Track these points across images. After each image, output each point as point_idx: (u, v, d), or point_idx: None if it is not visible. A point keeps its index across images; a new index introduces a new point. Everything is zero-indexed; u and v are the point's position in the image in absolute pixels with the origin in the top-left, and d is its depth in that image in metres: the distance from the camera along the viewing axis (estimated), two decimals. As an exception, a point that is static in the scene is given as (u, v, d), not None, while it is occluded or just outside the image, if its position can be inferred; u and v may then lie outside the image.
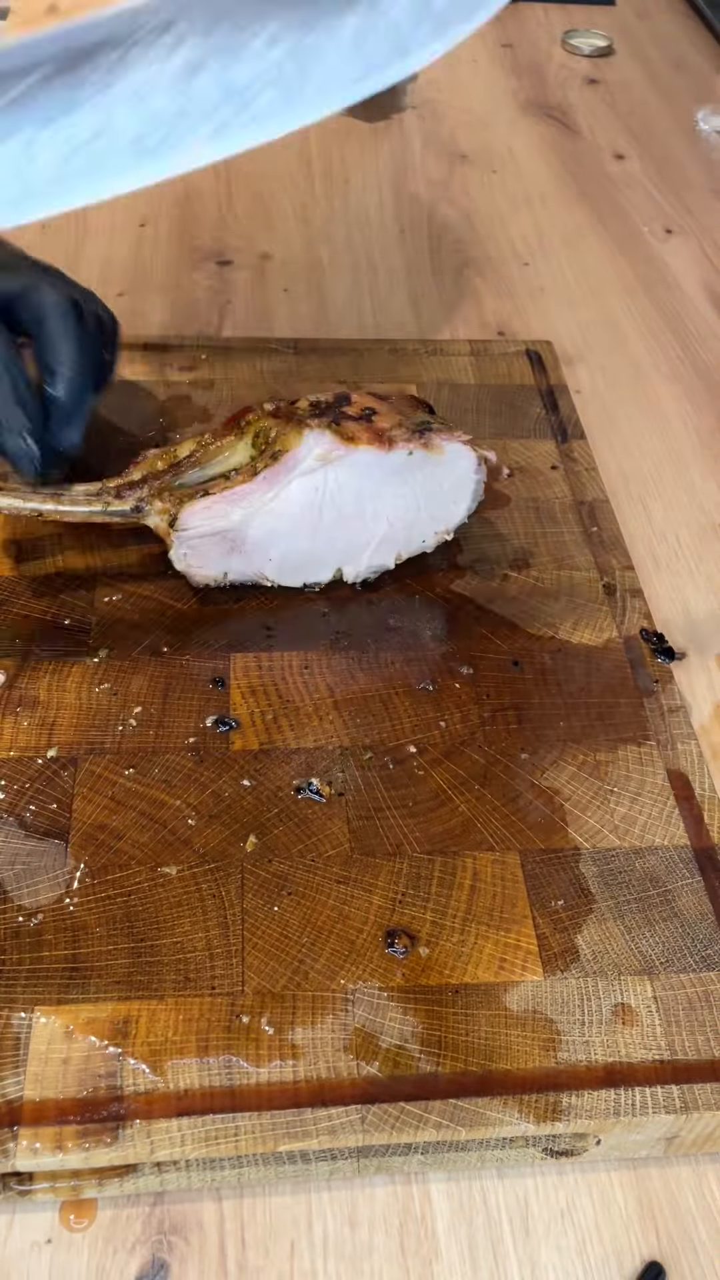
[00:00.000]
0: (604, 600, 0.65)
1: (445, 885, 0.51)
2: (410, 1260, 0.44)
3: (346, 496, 0.60)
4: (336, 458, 0.58)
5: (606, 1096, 0.45)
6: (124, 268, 0.89)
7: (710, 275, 0.96)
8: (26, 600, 0.61)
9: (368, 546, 0.63)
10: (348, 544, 0.62)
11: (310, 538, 0.61)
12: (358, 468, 0.59)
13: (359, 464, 0.59)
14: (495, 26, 1.31)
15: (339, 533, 0.61)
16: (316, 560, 0.63)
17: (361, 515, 0.61)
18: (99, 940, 0.48)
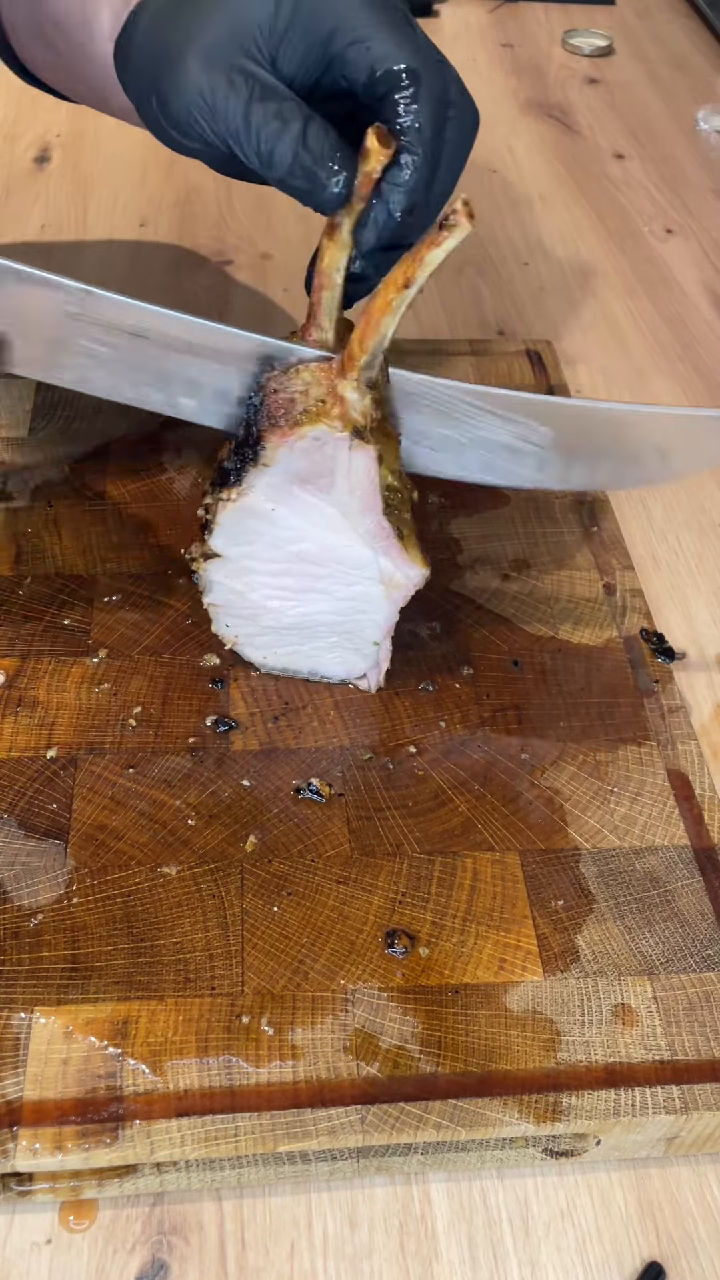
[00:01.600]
0: (604, 600, 0.65)
1: (445, 885, 0.51)
2: (410, 1260, 0.44)
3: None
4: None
5: (606, 1097, 0.45)
6: (124, 268, 0.89)
7: (710, 275, 0.96)
8: (26, 600, 0.61)
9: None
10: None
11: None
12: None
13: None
14: (495, 26, 1.31)
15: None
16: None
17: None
18: (99, 940, 0.48)
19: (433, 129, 0.46)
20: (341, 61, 0.46)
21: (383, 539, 0.52)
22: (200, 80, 0.45)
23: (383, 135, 0.45)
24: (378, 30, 0.45)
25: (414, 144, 0.46)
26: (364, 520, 0.52)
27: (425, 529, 0.67)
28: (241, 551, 0.54)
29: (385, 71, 0.45)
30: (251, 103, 0.45)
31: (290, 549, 0.53)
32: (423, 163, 0.46)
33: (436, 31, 1.28)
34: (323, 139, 0.45)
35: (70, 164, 1.00)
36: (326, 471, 0.50)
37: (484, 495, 0.70)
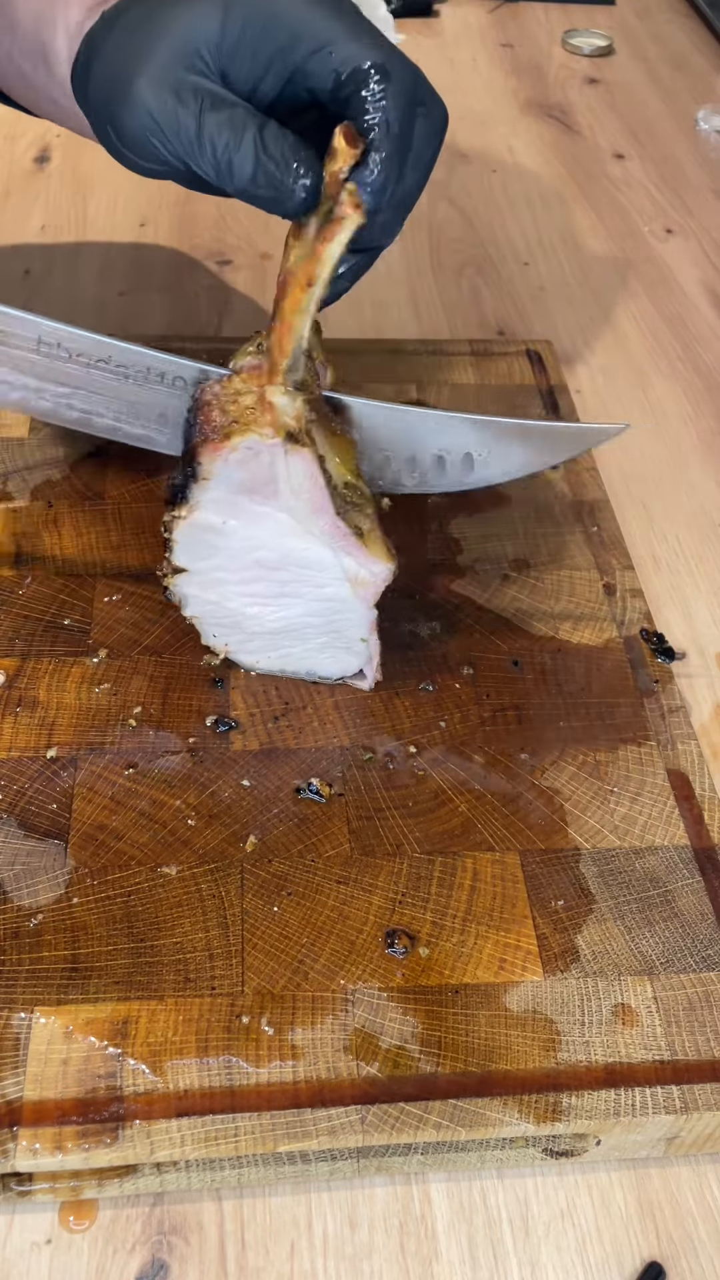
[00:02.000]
0: (604, 600, 0.65)
1: (445, 885, 0.51)
2: (410, 1260, 0.44)
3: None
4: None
5: (606, 1097, 0.45)
6: (124, 268, 0.89)
7: (710, 275, 0.96)
8: (26, 600, 0.61)
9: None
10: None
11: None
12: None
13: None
14: (495, 26, 1.31)
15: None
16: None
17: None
18: (99, 940, 0.48)
19: (401, 126, 0.45)
20: (304, 73, 0.45)
21: (340, 539, 0.52)
22: (149, 100, 0.45)
23: (350, 134, 0.44)
24: (338, 34, 0.45)
25: (382, 142, 0.45)
26: (317, 522, 0.51)
27: (425, 529, 0.67)
28: (206, 565, 0.53)
29: (352, 71, 0.44)
30: (203, 114, 0.44)
31: (251, 558, 0.53)
32: (390, 161, 0.45)
33: (437, 32, 1.28)
34: (281, 142, 0.44)
35: (70, 164, 1.00)
36: (268, 479, 0.50)
37: (484, 495, 0.70)
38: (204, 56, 0.45)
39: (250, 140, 0.44)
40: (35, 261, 0.89)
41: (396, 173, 0.46)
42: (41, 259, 0.89)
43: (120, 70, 0.46)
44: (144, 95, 0.45)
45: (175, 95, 0.45)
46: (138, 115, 0.45)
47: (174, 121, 0.45)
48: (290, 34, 0.45)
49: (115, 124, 0.47)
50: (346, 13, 0.46)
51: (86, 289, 0.87)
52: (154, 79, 0.45)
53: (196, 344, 0.78)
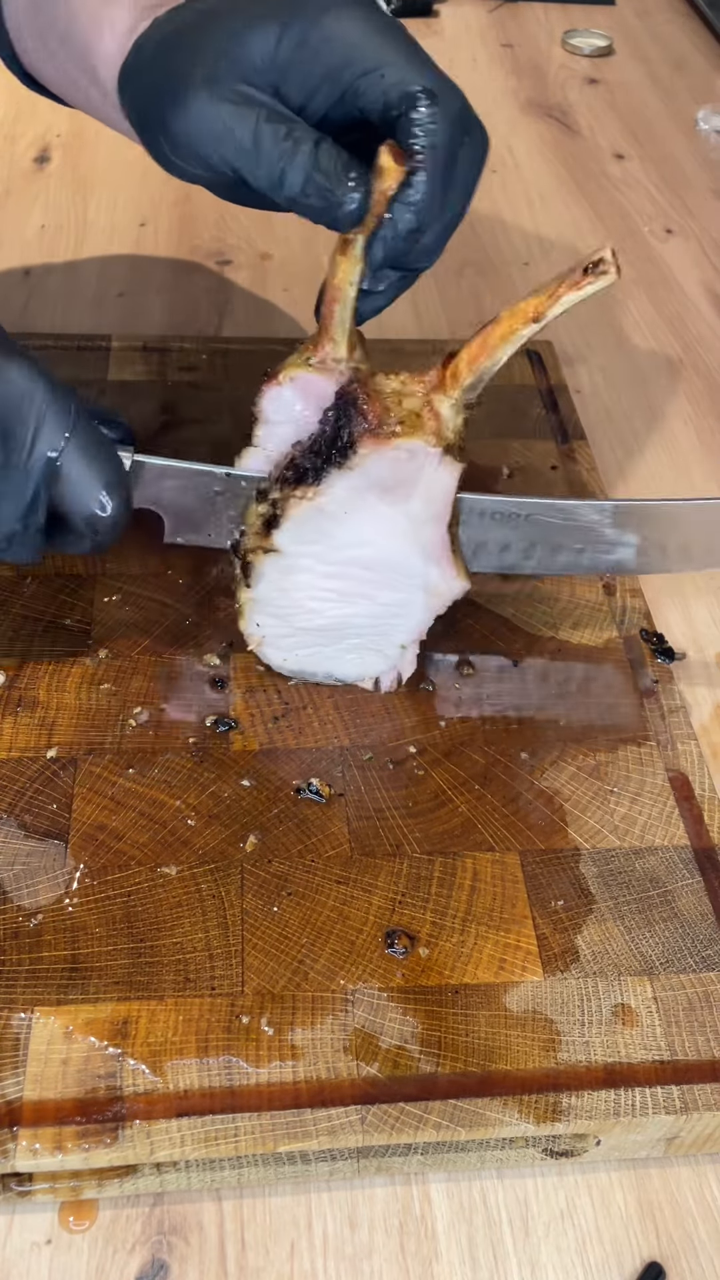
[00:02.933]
0: (604, 600, 0.65)
1: (445, 886, 0.51)
2: (410, 1260, 0.44)
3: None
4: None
5: (606, 1097, 0.45)
6: (124, 268, 0.89)
7: (710, 275, 0.96)
8: (26, 600, 0.61)
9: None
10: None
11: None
12: None
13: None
14: (495, 26, 1.31)
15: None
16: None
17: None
18: (99, 940, 0.48)
19: (448, 149, 0.46)
20: (355, 93, 0.46)
21: (439, 550, 0.53)
22: (207, 107, 0.46)
23: (397, 153, 0.45)
24: (390, 57, 0.46)
25: (427, 164, 0.46)
26: (430, 532, 0.52)
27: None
28: (301, 550, 0.53)
29: (403, 94, 0.46)
30: (260, 124, 0.45)
31: (348, 553, 0.53)
32: (435, 182, 0.46)
33: (437, 32, 1.28)
34: (335, 158, 0.46)
35: (70, 164, 1.00)
36: (408, 483, 0.51)
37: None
38: (259, 70, 0.46)
39: (306, 153, 0.45)
40: (35, 261, 0.89)
41: (441, 195, 0.47)
42: (41, 259, 0.89)
43: (175, 78, 0.47)
44: (200, 103, 0.46)
45: (232, 105, 0.46)
46: (193, 122, 0.46)
47: (230, 130, 0.46)
48: (344, 55, 0.46)
49: (167, 129, 0.47)
50: (399, 37, 0.47)
51: (86, 289, 0.87)
52: (211, 88, 0.46)
53: (196, 344, 0.78)
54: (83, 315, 0.84)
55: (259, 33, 0.46)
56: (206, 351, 0.78)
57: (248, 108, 0.46)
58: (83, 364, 0.75)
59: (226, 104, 0.46)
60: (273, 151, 0.45)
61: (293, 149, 0.45)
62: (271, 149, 0.45)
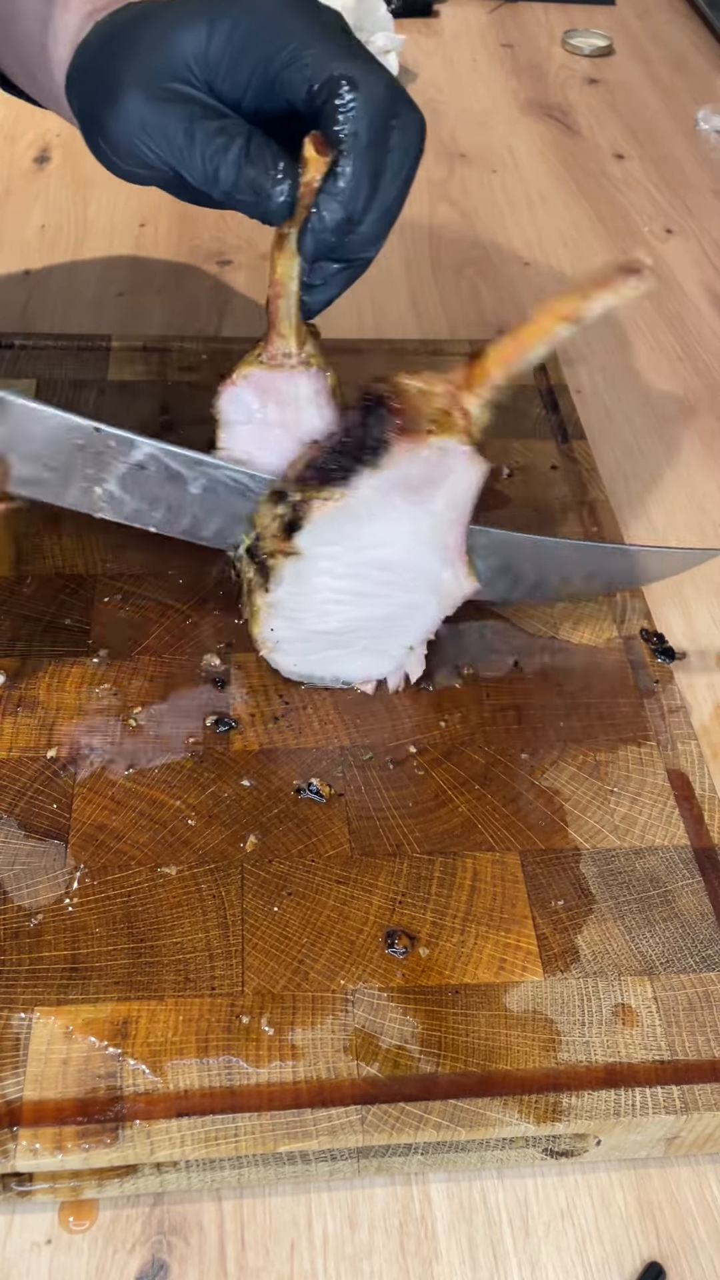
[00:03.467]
0: (604, 600, 0.65)
1: (445, 885, 0.51)
2: (410, 1260, 0.44)
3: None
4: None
5: (606, 1097, 0.45)
6: (124, 268, 0.89)
7: (710, 275, 0.96)
8: (26, 600, 0.61)
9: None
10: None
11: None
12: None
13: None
14: (495, 26, 1.31)
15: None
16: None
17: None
18: (99, 940, 0.48)
19: (370, 135, 0.45)
20: (281, 84, 0.46)
21: (456, 551, 0.53)
22: (140, 106, 0.46)
23: (319, 143, 0.45)
24: (312, 46, 0.45)
25: (351, 151, 0.45)
26: (451, 533, 0.53)
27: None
28: (321, 552, 0.53)
29: (324, 81, 0.45)
30: (194, 121, 0.46)
31: (369, 554, 0.53)
32: (361, 170, 0.46)
33: (437, 32, 1.28)
34: (265, 151, 0.46)
35: (70, 164, 1.00)
36: (435, 482, 0.51)
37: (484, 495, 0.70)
38: (191, 67, 0.46)
39: (237, 147, 0.45)
40: (35, 261, 0.89)
41: (369, 183, 0.46)
42: (41, 259, 0.89)
43: (110, 79, 0.47)
44: (133, 103, 0.46)
45: (164, 103, 0.46)
46: (126, 122, 0.47)
47: (163, 129, 0.46)
48: (270, 47, 0.46)
49: (104, 130, 0.48)
50: (324, 25, 0.46)
51: (86, 289, 0.87)
52: (143, 87, 0.46)
53: (196, 344, 0.78)
54: (83, 315, 0.84)
55: (189, 31, 0.46)
56: (206, 351, 0.78)
57: (180, 105, 0.46)
58: (83, 364, 0.75)
59: (159, 103, 0.46)
60: (206, 148, 0.45)
61: (225, 144, 0.45)
62: (204, 145, 0.45)
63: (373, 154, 0.46)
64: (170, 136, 0.46)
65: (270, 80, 0.46)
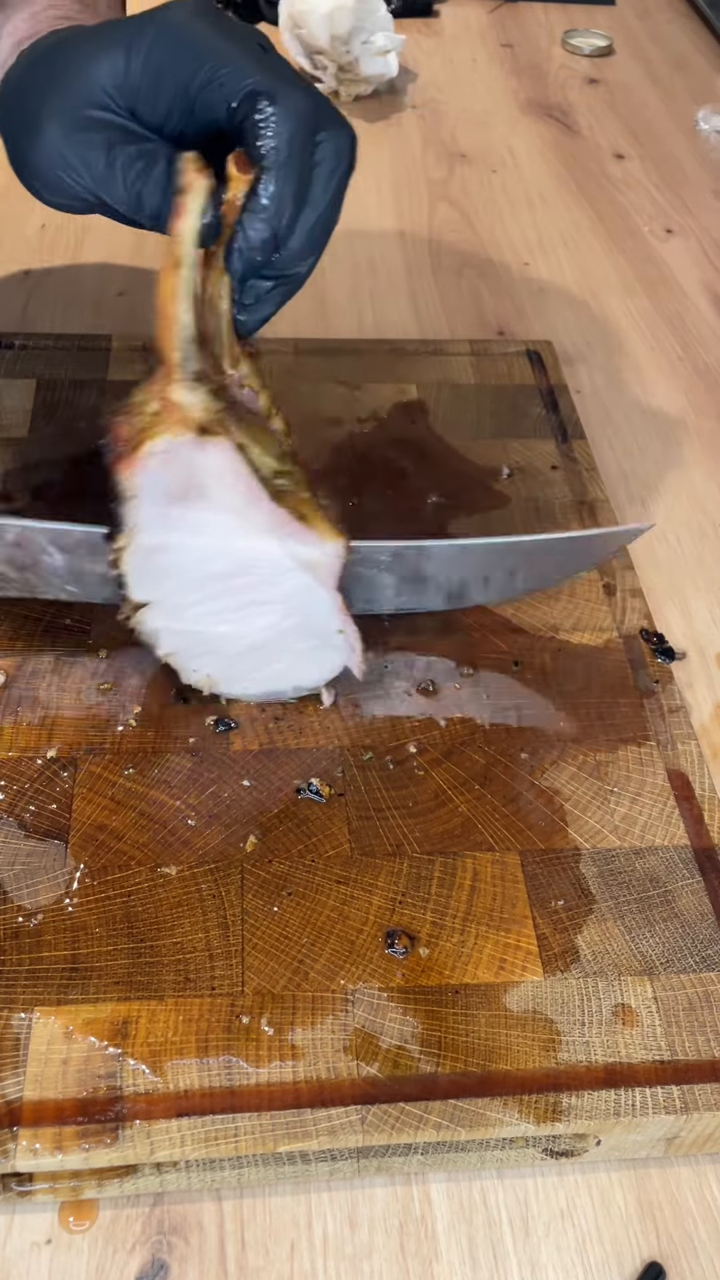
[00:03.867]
0: (604, 600, 0.65)
1: (445, 885, 0.51)
2: (410, 1260, 0.44)
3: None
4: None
5: (606, 1097, 0.45)
6: (124, 268, 0.89)
7: (710, 275, 0.96)
8: (26, 600, 0.61)
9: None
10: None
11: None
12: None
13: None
14: (495, 26, 1.31)
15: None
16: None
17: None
18: (99, 941, 0.48)
19: (291, 149, 0.45)
20: (202, 104, 0.46)
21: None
22: (57, 137, 0.46)
23: (240, 161, 0.45)
24: (228, 64, 0.45)
25: (273, 167, 0.45)
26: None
27: (424, 529, 0.67)
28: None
29: (242, 99, 0.45)
30: (114, 148, 0.45)
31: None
32: (284, 185, 0.45)
33: (437, 32, 1.28)
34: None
35: (70, 164, 1.00)
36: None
37: (484, 495, 0.70)
38: (111, 94, 0.46)
39: (159, 171, 0.45)
40: (35, 261, 0.89)
41: (293, 199, 0.46)
42: (41, 259, 0.89)
43: (30, 109, 0.47)
44: (52, 133, 0.46)
45: (83, 132, 0.46)
46: (46, 152, 0.46)
47: (82, 157, 0.46)
48: (187, 68, 0.45)
49: (25, 163, 0.47)
50: (241, 43, 0.46)
51: (86, 289, 0.87)
52: (62, 117, 0.46)
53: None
54: (83, 315, 0.84)
55: (106, 58, 0.46)
56: (206, 351, 0.78)
57: (99, 133, 0.46)
58: (83, 364, 0.75)
59: (78, 132, 0.46)
60: (127, 173, 0.45)
61: (145, 168, 0.45)
62: (125, 171, 0.45)
63: (294, 169, 0.45)
64: (91, 165, 0.46)
65: (190, 102, 0.46)
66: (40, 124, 0.46)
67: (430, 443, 0.73)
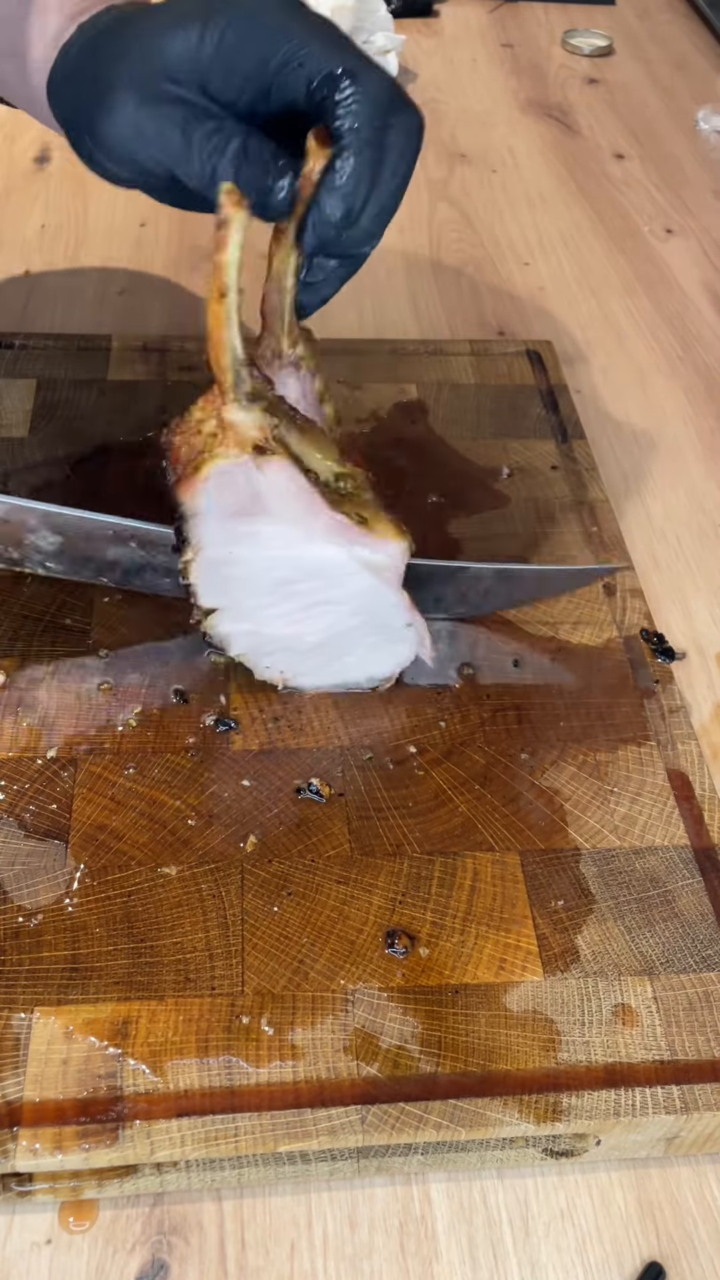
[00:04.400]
0: (604, 600, 0.65)
1: (445, 885, 0.51)
2: (410, 1260, 0.44)
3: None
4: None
5: (606, 1097, 0.45)
6: (124, 268, 0.89)
7: (710, 275, 0.96)
8: (26, 600, 0.61)
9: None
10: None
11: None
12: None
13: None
14: (495, 26, 1.31)
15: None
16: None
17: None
18: (99, 941, 0.48)
19: (371, 130, 0.46)
20: (279, 86, 0.46)
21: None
22: (134, 109, 0.46)
23: (322, 136, 0.45)
24: (309, 45, 0.46)
25: (352, 145, 0.46)
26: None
27: (424, 530, 0.67)
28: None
29: (323, 78, 0.45)
30: (190, 122, 0.46)
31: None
32: (362, 163, 0.46)
33: (437, 32, 1.28)
34: (262, 148, 0.46)
35: (70, 164, 1.00)
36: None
37: (484, 495, 0.70)
38: (183, 69, 0.46)
39: (235, 146, 0.45)
40: (35, 261, 0.89)
41: (369, 177, 0.46)
42: (41, 259, 0.89)
43: (100, 81, 0.47)
44: (127, 106, 0.46)
45: (159, 104, 0.46)
46: (121, 125, 0.46)
47: (159, 130, 0.46)
48: (265, 49, 0.46)
49: (95, 132, 0.47)
50: (318, 26, 0.47)
51: (86, 289, 0.87)
52: (137, 90, 0.46)
53: (196, 344, 0.78)
54: (83, 315, 0.84)
55: (180, 33, 0.46)
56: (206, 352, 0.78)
57: (174, 107, 0.46)
58: (83, 364, 0.75)
59: (153, 104, 0.46)
60: (203, 147, 0.45)
61: (222, 144, 0.45)
62: (202, 145, 0.45)
63: (373, 149, 0.46)
64: (166, 138, 0.46)
65: (266, 82, 0.46)
66: (114, 96, 0.46)
67: (430, 443, 0.73)
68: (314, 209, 0.47)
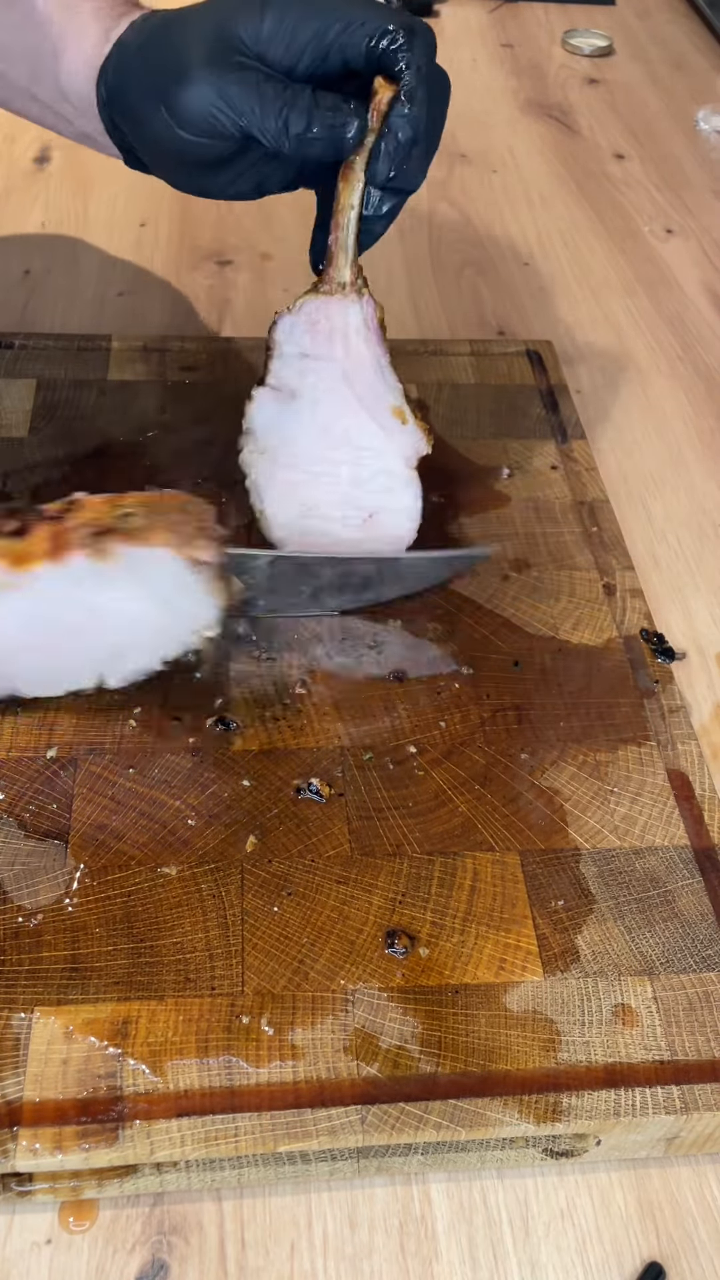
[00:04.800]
0: (604, 600, 0.65)
1: (445, 885, 0.51)
2: (410, 1260, 0.44)
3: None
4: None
5: (606, 1097, 0.45)
6: (124, 268, 0.89)
7: (710, 275, 0.96)
8: (26, 600, 0.61)
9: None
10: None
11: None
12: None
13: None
14: (495, 26, 1.31)
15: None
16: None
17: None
18: (99, 940, 0.48)
19: (429, 68, 0.53)
20: (339, 48, 0.53)
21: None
22: (212, 78, 0.52)
23: (388, 74, 0.53)
24: (365, 12, 0.53)
25: (416, 81, 0.53)
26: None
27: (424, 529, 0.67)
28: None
29: (381, 34, 0.52)
30: (262, 84, 0.52)
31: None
32: (425, 94, 0.53)
33: (437, 32, 1.28)
34: (329, 96, 0.52)
35: (70, 164, 1.00)
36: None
37: (484, 495, 0.70)
38: (245, 43, 0.53)
39: (306, 97, 0.52)
40: (35, 261, 0.89)
41: (431, 107, 0.53)
42: (41, 259, 0.89)
43: (170, 60, 0.54)
44: (206, 75, 0.52)
45: (236, 72, 0.52)
46: (203, 95, 0.52)
47: (240, 95, 0.52)
48: (324, 20, 0.53)
49: (174, 105, 0.53)
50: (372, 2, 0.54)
51: (86, 289, 0.87)
52: (215, 63, 0.53)
53: (196, 344, 0.78)
54: (83, 315, 0.84)
55: (244, 16, 0.53)
56: (206, 351, 0.78)
57: (247, 73, 0.52)
58: (83, 364, 0.75)
59: (233, 73, 0.52)
60: (275, 102, 0.52)
61: (293, 97, 0.52)
62: (274, 101, 0.52)
63: (432, 81, 0.53)
64: (243, 100, 0.52)
65: (326, 47, 0.53)
66: (192, 72, 0.53)
67: (430, 443, 0.73)
68: (385, 137, 0.53)
